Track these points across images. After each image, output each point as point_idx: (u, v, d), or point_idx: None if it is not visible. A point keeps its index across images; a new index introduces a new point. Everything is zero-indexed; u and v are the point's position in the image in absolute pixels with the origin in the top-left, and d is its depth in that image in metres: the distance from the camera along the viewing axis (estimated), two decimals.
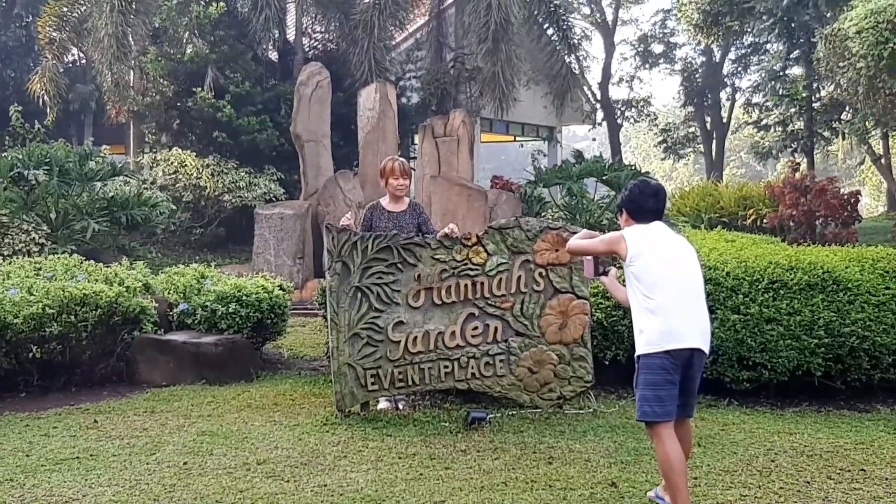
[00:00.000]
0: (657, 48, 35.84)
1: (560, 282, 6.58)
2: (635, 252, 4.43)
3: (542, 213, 15.91)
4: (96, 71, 18.83)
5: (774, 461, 5.46)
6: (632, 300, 4.47)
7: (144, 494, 4.75)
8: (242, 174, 17.14)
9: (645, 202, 4.57)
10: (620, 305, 7.05)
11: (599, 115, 30.75)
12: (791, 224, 14.07)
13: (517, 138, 29.61)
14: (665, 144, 35.53)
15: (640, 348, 4.38)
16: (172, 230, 16.99)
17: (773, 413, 6.84)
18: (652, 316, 4.33)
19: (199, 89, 17.77)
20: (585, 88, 29.00)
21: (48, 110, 18.75)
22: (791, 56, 26.38)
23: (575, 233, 6.37)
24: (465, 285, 6.48)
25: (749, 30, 26.94)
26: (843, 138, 27.25)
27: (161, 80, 18.85)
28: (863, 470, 5.33)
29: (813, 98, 25.96)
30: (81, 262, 8.69)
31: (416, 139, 17.23)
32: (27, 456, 5.44)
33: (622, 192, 4.69)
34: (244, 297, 8.10)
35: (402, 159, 6.90)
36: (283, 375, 8.02)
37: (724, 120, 34.36)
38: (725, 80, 33.98)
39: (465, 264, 6.50)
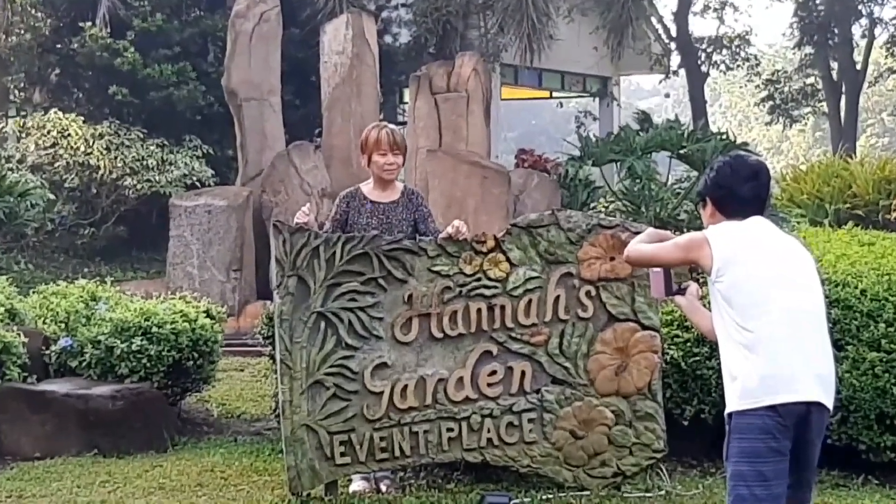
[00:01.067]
0: None
1: (617, 305, 6.58)
2: (724, 261, 4.42)
3: (592, 204, 15.89)
4: None
5: None
6: (719, 332, 4.47)
7: None
8: (152, 148, 17.14)
9: (739, 187, 4.56)
10: (705, 339, 7.01)
11: (675, 60, 30.74)
12: None
13: (554, 94, 29.58)
14: (771, 102, 35.51)
15: (733, 403, 4.37)
16: (50, 230, 16.98)
17: None
18: (749, 355, 4.32)
19: (89, 24, 17.76)
20: (654, 21, 29.01)
21: None
22: None
23: (638, 233, 6.35)
24: (479, 310, 6.47)
25: None
26: None
27: (33, 11, 18.86)
28: None
29: None
30: None
31: (407, 96, 17.24)
32: None
33: (706, 174, 4.69)
34: (154, 329, 8.07)
35: (391, 127, 6.89)
36: (212, 442, 7.99)
37: (859, 66, 34.36)
38: (860, 7, 33.98)
39: (479, 280, 6.49)
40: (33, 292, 9.14)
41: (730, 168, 4.59)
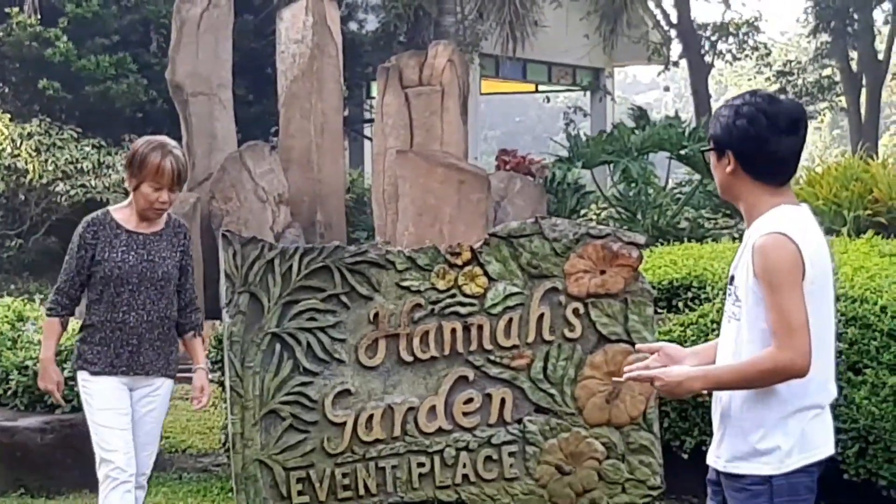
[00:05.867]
0: None
1: (608, 324, 6.57)
2: (811, 276, 3.83)
3: (582, 211, 15.96)
4: None
5: None
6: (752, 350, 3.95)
7: None
8: (88, 149, 17.05)
9: (776, 143, 3.89)
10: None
11: (675, 49, 30.88)
12: None
13: (540, 88, 29.69)
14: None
15: (778, 462, 3.89)
16: None
17: None
18: (804, 400, 3.90)
19: (16, 10, 17.73)
20: (652, 5, 29.16)
21: None
22: None
23: (632, 242, 6.39)
24: (453, 330, 6.46)
25: None
26: None
27: None
28: None
29: None
30: None
31: (375, 90, 17.28)
32: None
33: (726, 117, 3.97)
34: None
35: (178, 152, 6.03)
36: (154, 480, 7.83)
37: (881, 56, 34.54)
38: None
39: (453, 296, 6.48)
40: None
41: (765, 117, 3.87)
